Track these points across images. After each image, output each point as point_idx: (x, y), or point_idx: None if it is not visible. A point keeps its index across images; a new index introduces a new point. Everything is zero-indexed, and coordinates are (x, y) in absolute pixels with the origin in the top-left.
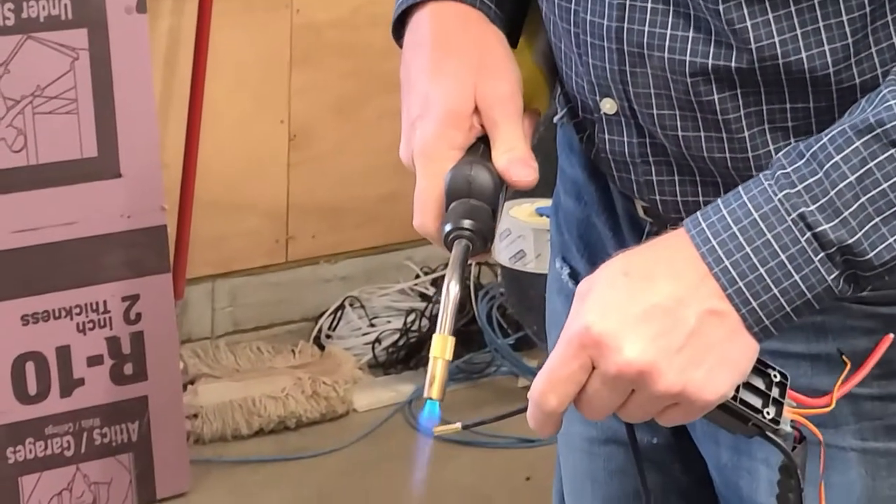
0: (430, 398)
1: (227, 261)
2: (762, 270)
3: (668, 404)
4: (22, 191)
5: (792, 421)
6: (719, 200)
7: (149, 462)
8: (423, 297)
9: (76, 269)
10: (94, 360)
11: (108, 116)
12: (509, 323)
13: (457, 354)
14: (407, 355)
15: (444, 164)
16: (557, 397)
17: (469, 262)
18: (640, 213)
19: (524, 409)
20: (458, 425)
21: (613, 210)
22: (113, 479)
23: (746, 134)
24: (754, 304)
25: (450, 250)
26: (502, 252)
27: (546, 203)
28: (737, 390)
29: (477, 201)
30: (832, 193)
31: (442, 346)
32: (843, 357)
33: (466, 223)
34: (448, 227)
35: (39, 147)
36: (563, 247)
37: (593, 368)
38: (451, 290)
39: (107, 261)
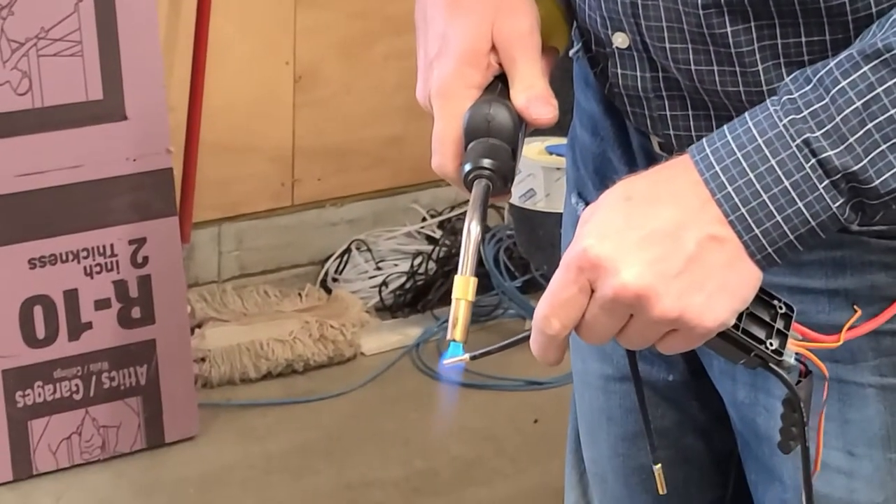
0: (454, 340)
1: (233, 204)
2: (765, 197)
3: (666, 330)
4: (27, 134)
5: (798, 354)
6: (725, 127)
7: (157, 405)
8: (430, 240)
9: (82, 212)
10: (101, 304)
11: (113, 58)
12: (516, 266)
13: None
14: (414, 298)
15: (462, 104)
16: (559, 321)
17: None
18: (656, 148)
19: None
20: (467, 356)
21: (629, 145)
22: (122, 422)
23: (760, 68)
24: (757, 231)
25: (469, 190)
26: (512, 190)
27: (555, 141)
28: (740, 320)
29: (496, 140)
30: (838, 119)
31: (464, 287)
32: (855, 306)
33: (486, 162)
34: (468, 167)
35: (44, 90)
36: (579, 182)
37: (592, 292)
38: (473, 231)
39: (113, 204)
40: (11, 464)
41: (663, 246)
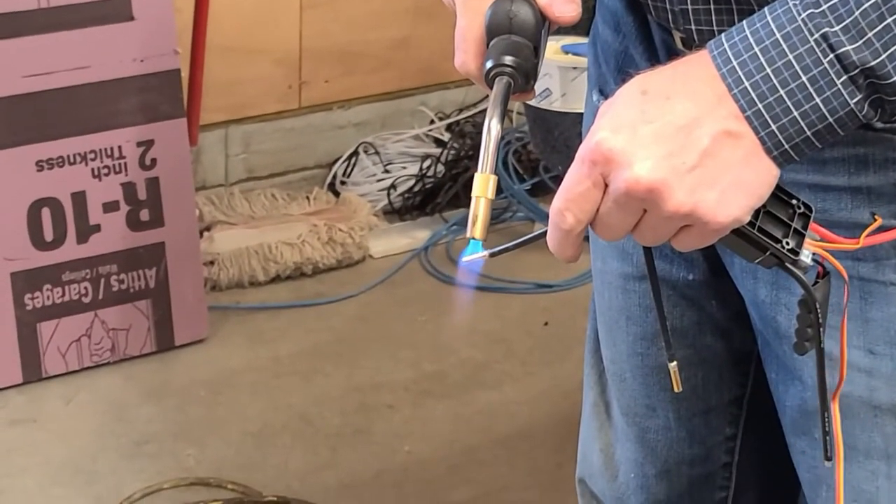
0: (474, 238)
1: (240, 107)
2: (782, 92)
3: (680, 225)
4: (33, 34)
5: (815, 254)
6: (745, 22)
7: (167, 308)
8: (438, 142)
9: (90, 114)
10: (109, 206)
11: None
12: (525, 169)
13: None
14: (422, 201)
15: (484, 1)
16: (574, 215)
17: (511, 100)
18: (678, 44)
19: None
20: (486, 253)
21: (651, 41)
22: (131, 325)
23: None
24: (773, 126)
25: (491, 88)
26: (534, 89)
27: (571, 40)
28: (756, 218)
29: (518, 37)
30: (857, 13)
31: (484, 185)
32: (875, 215)
33: (508, 59)
34: (489, 64)
35: None
36: (601, 79)
37: (606, 186)
38: (493, 129)
39: (121, 106)
40: (21, 366)
41: (677, 140)
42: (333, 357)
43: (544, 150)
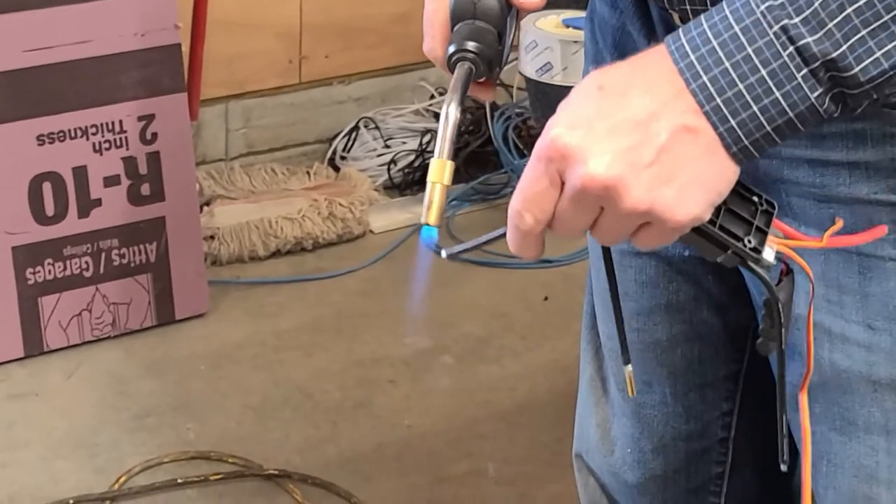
0: (427, 224)
1: (240, 82)
2: (741, 87)
3: (639, 223)
4: (35, 9)
5: (779, 252)
6: (703, 16)
7: (167, 283)
8: (439, 118)
9: (91, 88)
10: (110, 181)
11: None
12: (525, 143)
13: (472, 175)
14: (423, 176)
15: None
16: (532, 216)
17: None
18: (676, 20)
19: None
20: (444, 254)
21: (649, 17)
22: (132, 299)
23: None
24: (732, 122)
25: (452, 73)
26: (528, 64)
27: (572, 14)
28: (717, 216)
29: (482, 23)
30: (816, 4)
31: (440, 171)
32: (836, 218)
33: (470, 45)
34: (451, 49)
35: None
36: (597, 56)
37: (563, 184)
38: (451, 114)
39: (122, 80)
40: (23, 340)
41: (634, 135)
42: (333, 332)
43: (545, 124)
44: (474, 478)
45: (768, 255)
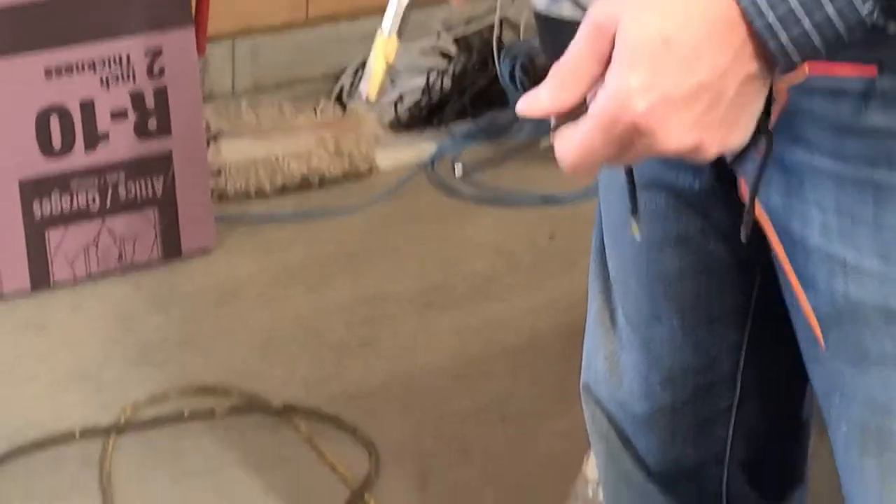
0: (369, 100)
1: (247, 17)
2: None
3: None
4: None
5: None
6: None
7: (174, 218)
8: (445, 55)
9: (99, 21)
10: (117, 115)
11: None
12: (532, 82)
13: (478, 113)
14: (429, 114)
15: None
16: (585, 169)
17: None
18: None
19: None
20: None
21: None
22: (138, 234)
23: None
24: (794, 57)
25: None
26: None
27: None
28: None
29: None
30: None
31: (387, 48)
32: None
33: None
34: None
35: None
36: None
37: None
38: None
39: (129, 13)
40: (29, 274)
41: (706, 98)
42: (339, 268)
43: (555, 61)
44: (480, 414)
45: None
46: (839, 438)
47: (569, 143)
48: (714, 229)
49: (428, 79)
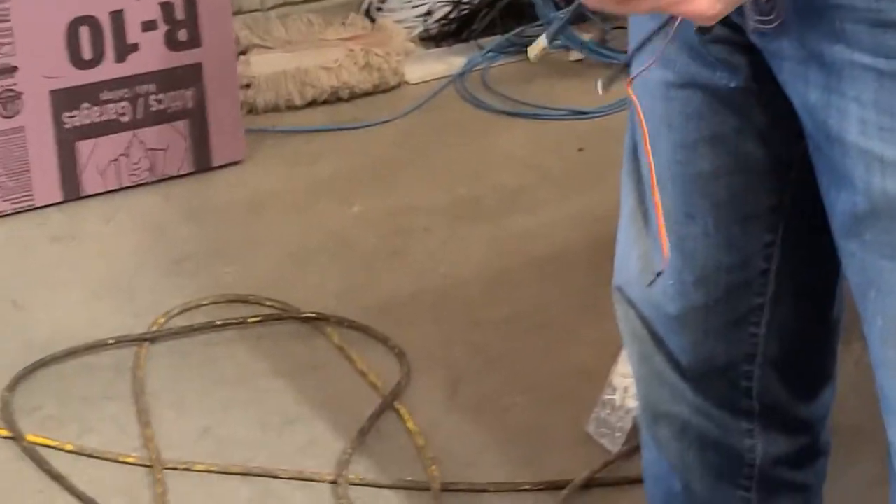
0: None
1: None
2: None
3: None
4: None
5: None
6: None
7: (204, 129)
8: None
9: None
10: (148, 26)
11: None
12: None
13: (508, 27)
14: (458, 28)
15: None
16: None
17: None
18: None
19: None
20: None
21: None
22: (169, 145)
23: None
24: None
25: None
26: None
27: None
28: None
29: None
30: None
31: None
32: None
33: None
34: None
35: None
36: None
37: None
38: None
39: None
40: (61, 185)
41: None
42: (369, 181)
43: None
44: (509, 324)
45: None
46: (875, 333)
47: None
48: (750, 129)
49: None
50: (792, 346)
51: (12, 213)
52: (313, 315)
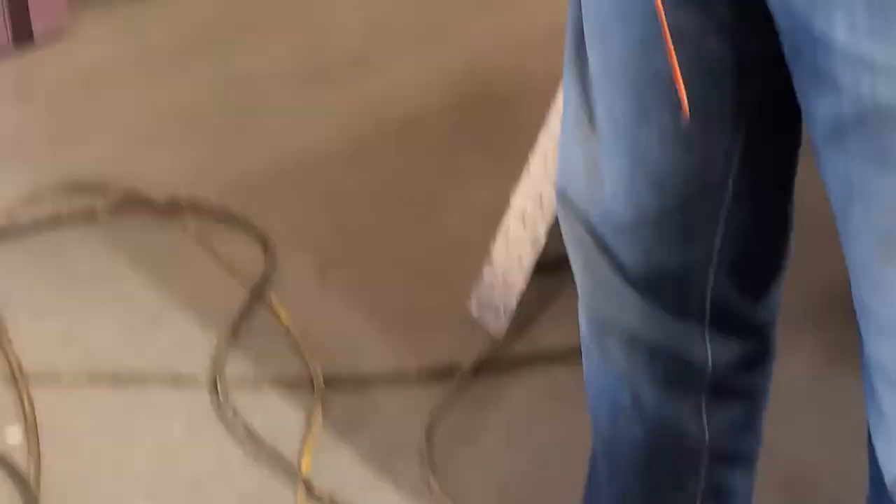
0: None
1: None
2: None
3: None
4: None
5: None
6: None
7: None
8: None
9: None
10: None
11: None
12: None
13: None
14: None
15: None
16: None
17: None
18: None
19: None
20: None
21: None
22: None
23: None
24: None
25: None
26: None
27: None
28: None
29: None
30: None
31: None
32: None
33: None
34: None
35: None
36: None
37: None
38: None
39: None
40: None
41: None
42: (205, 49)
43: None
44: (373, 196)
45: None
46: (856, 247)
47: None
48: (716, 26)
49: None
50: (747, 247)
51: None
52: (166, 201)
